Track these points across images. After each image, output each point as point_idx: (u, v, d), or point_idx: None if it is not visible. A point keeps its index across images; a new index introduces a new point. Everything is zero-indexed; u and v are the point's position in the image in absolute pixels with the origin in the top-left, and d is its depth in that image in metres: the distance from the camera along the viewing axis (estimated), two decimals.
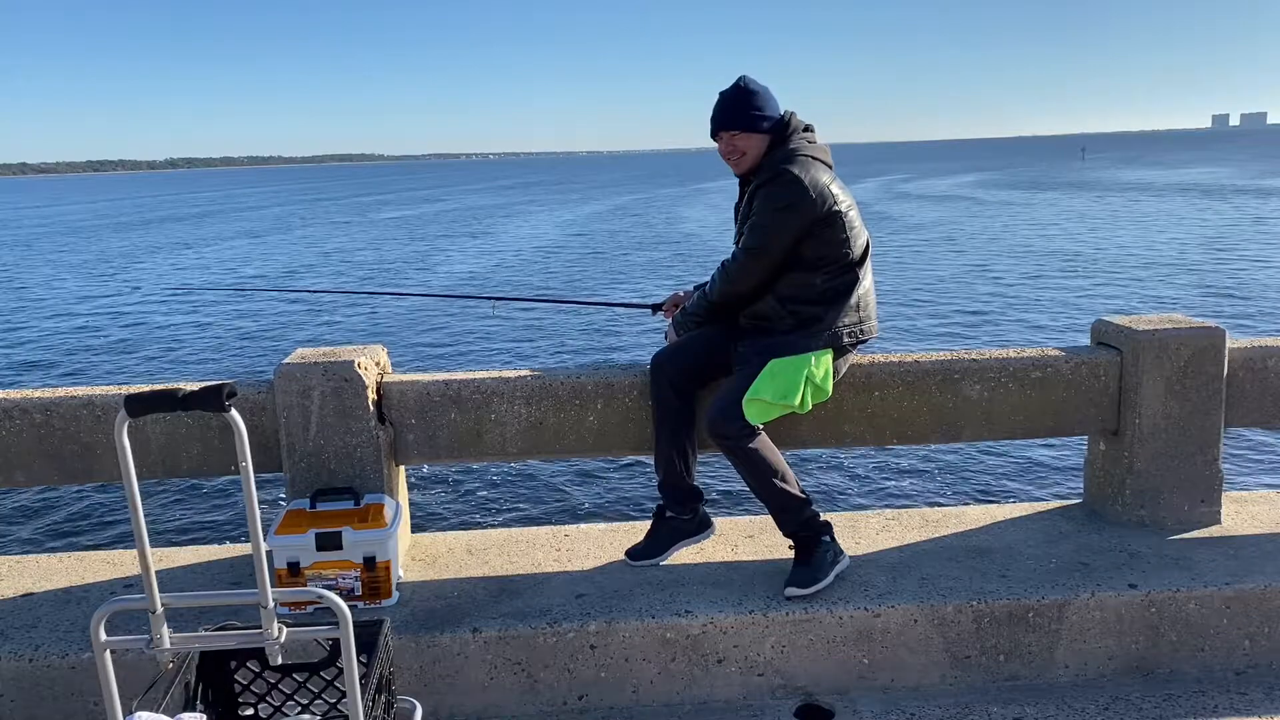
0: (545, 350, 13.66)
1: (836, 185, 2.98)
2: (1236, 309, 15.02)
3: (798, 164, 2.93)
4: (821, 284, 2.97)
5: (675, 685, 2.80)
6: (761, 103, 3.01)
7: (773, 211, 2.91)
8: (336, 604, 1.73)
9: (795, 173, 2.90)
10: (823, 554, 2.96)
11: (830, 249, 2.95)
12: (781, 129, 3.02)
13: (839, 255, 2.97)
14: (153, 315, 18.89)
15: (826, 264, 2.96)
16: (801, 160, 2.95)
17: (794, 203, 2.89)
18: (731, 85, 3.06)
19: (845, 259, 2.97)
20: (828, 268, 2.96)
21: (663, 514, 3.19)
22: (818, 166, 2.97)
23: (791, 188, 2.89)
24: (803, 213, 2.89)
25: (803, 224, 2.90)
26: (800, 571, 2.93)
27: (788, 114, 3.05)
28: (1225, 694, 2.79)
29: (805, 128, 3.06)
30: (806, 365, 2.94)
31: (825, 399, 3.01)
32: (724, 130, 3.02)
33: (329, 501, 2.95)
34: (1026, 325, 14.52)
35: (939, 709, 2.73)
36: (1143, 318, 3.41)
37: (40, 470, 3.08)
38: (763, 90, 3.04)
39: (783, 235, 2.92)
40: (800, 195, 2.88)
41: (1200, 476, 3.29)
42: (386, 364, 3.24)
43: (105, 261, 30.63)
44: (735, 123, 3.01)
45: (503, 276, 22.64)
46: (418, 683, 2.70)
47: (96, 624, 1.73)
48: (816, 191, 2.90)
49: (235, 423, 1.67)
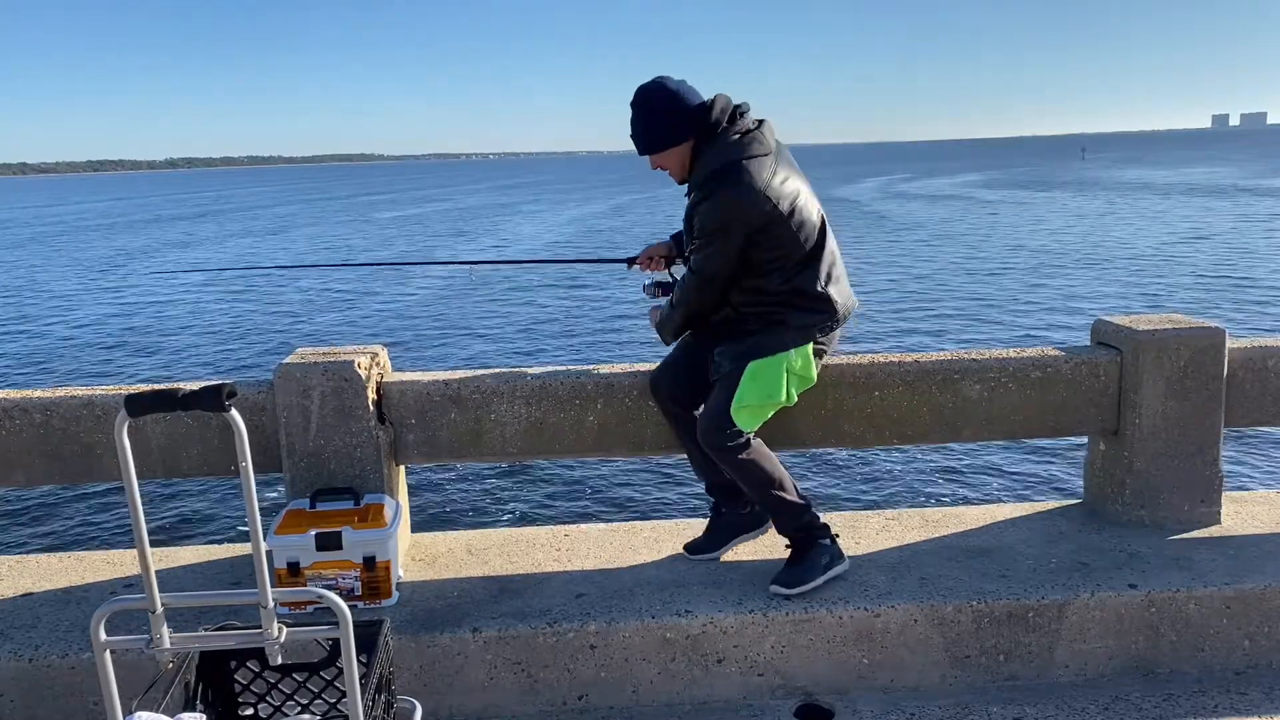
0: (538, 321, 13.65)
1: (778, 176, 2.77)
2: (1236, 309, 15.02)
3: (729, 173, 2.73)
4: (777, 286, 2.83)
5: (675, 685, 2.80)
6: (670, 113, 2.79)
7: (708, 235, 2.77)
8: (336, 604, 1.73)
9: (726, 189, 2.72)
10: (817, 556, 2.93)
11: (779, 250, 2.80)
12: (705, 125, 2.79)
13: (789, 254, 2.81)
14: (153, 315, 18.89)
15: (778, 265, 2.81)
16: (731, 167, 2.73)
17: (728, 222, 2.74)
18: (634, 102, 2.84)
19: (797, 255, 2.82)
20: (780, 269, 2.82)
21: (719, 511, 3.19)
22: (752, 164, 2.74)
23: (724, 208, 2.73)
24: (737, 229, 2.74)
25: (743, 237, 2.75)
26: (789, 571, 2.92)
27: (710, 102, 2.80)
28: (1225, 694, 2.79)
29: (734, 113, 2.81)
30: (785, 360, 2.86)
31: (811, 385, 2.97)
32: (642, 152, 2.89)
33: (329, 501, 2.95)
34: (1026, 325, 14.52)
35: (939, 709, 2.73)
36: (1143, 318, 3.41)
37: (40, 470, 3.08)
38: (668, 95, 2.80)
39: (723, 256, 2.78)
40: (733, 212, 2.72)
41: (1200, 476, 3.29)
42: (386, 364, 3.24)
43: (106, 261, 30.63)
44: (648, 148, 2.86)
45: (504, 274, 22.63)
46: (418, 683, 2.70)
47: (96, 624, 1.73)
48: (751, 200, 2.71)
49: (235, 423, 1.67)
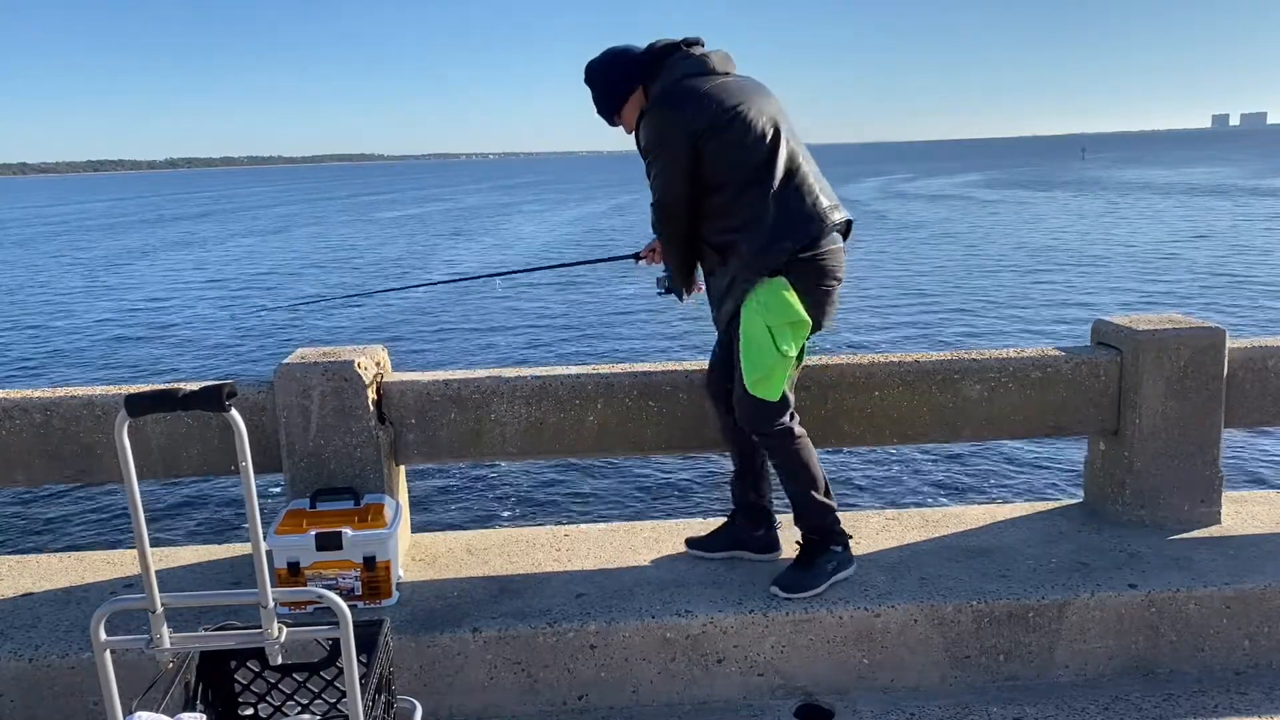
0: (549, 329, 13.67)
1: (716, 86, 2.67)
2: (1236, 309, 15.01)
3: (665, 93, 2.69)
4: (728, 205, 2.69)
5: (675, 685, 2.80)
6: (610, 68, 2.80)
7: (651, 156, 2.71)
8: (336, 604, 1.73)
9: (659, 108, 2.68)
10: (824, 563, 2.90)
11: (724, 165, 2.65)
12: (646, 65, 2.76)
13: (738, 167, 2.66)
14: (153, 315, 18.89)
15: (729, 183, 2.67)
16: (668, 87, 2.69)
17: (664, 137, 2.66)
18: (585, 80, 2.87)
19: (749, 164, 2.66)
20: (731, 186, 2.67)
21: (734, 520, 3.16)
22: (687, 81, 2.68)
23: (659, 124, 2.67)
24: (674, 142, 2.64)
25: (685, 151, 2.64)
26: (793, 574, 2.90)
27: (651, 48, 2.78)
28: (1225, 694, 2.79)
29: (676, 46, 2.76)
30: (761, 312, 2.69)
31: (807, 326, 2.74)
32: (609, 122, 2.89)
33: (329, 501, 2.95)
34: (1026, 325, 14.52)
35: (939, 709, 2.73)
36: (1143, 318, 3.41)
37: (40, 470, 3.08)
38: (607, 57, 2.81)
39: (669, 175, 2.68)
40: (667, 125, 2.65)
41: (1200, 476, 3.29)
42: (386, 364, 3.24)
43: (106, 261, 30.62)
44: (607, 111, 2.86)
45: (502, 274, 22.64)
46: (418, 683, 2.70)
47: (96, 624, 1.73)
48: (684, 111, 2.63)
49: (235, 423, 1.67)
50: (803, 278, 2.72)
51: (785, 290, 2.70)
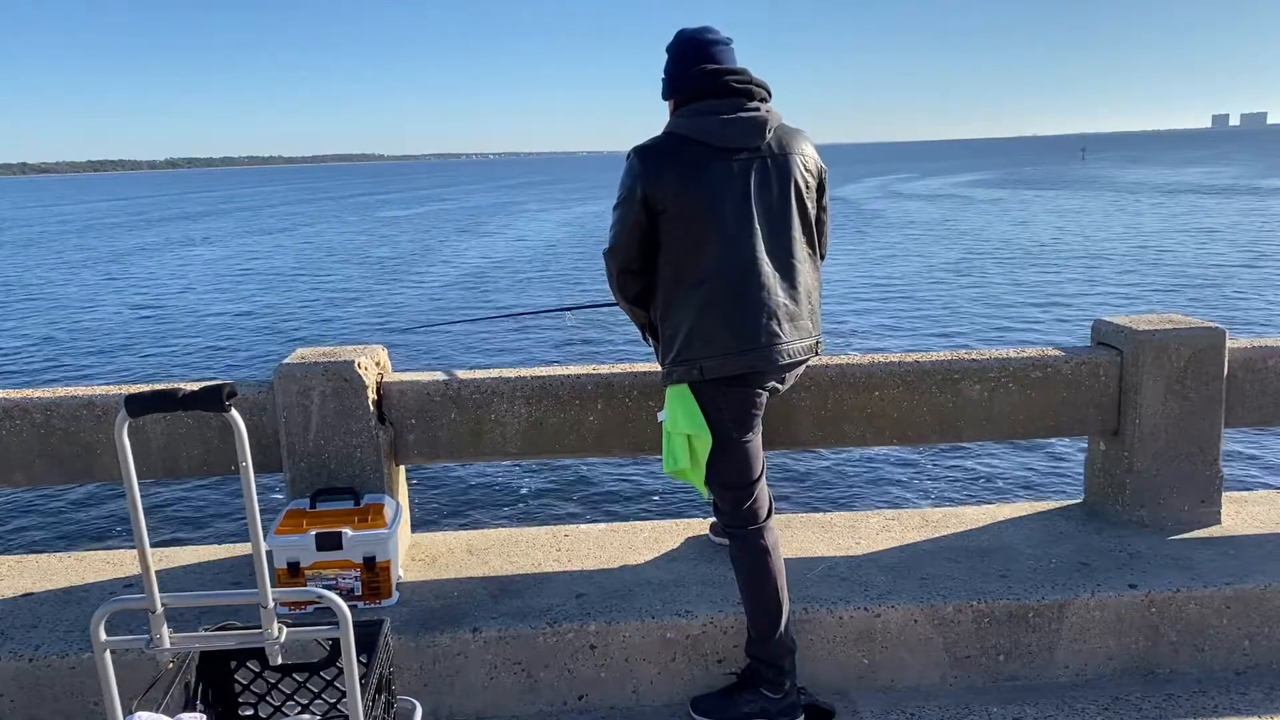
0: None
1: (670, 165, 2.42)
2: (1236, 309, 15.01)
3: (648, 145, 2.48)
4: (664, 290, 2.51)
5: (675, 685, 2.80)
6: (669, 65, 2.57)
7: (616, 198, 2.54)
8: (336, 604, 1.73)
9: (633, 154, 2.48)
10: (750, 701, 2.57)
11: (670, 243, 2.46)
12: (683, 90, 2.53)
13: (675, 256, 2.46)
14: (153, 315, 18.89)
15: (667, 265, 2.49)
16: (655, 140, 2.48)
17: (624, 189, 2.48)
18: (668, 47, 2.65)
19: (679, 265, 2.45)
20: (668, 270, 2.49)
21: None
22: (651, 148, 2.46)
23: (624, 171, 2.50)
24: (631, 200, 2.45)
25: (637, 212, 2.44)
26: (712, 697, 2.66)
27: (696, 71, 2.49)
28: (1225, 694, 2.79)
29: (709, 86, 2.47)
30: (670, 412, 2.57)
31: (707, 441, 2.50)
32: None
33: (329, 501, 2.95)
34: (1026, 325, 14.52)
35: (939, 709, 2.73)
36: (1143, 318, 3.41)
37: (40, 470, 3.08)
38: (675, 48, 2.56)
39: (617, 228, 2.50)
40: (627, 177, 2.47)
41: (1200, 477, 3.29)
42: (386, 364, 3.24)
43: (106, 261, 30.63)
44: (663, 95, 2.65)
45: (511, 274, 22.64)
46: (418, 683, 2.70)
47: (96, 624, 1.73)
48: (631, 182, 2.45)
49: (235, 423, 1.67)
50: (715, 397, 2.49)
51: (685, 400, 2.51)
